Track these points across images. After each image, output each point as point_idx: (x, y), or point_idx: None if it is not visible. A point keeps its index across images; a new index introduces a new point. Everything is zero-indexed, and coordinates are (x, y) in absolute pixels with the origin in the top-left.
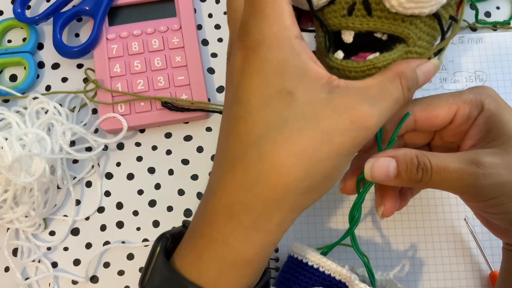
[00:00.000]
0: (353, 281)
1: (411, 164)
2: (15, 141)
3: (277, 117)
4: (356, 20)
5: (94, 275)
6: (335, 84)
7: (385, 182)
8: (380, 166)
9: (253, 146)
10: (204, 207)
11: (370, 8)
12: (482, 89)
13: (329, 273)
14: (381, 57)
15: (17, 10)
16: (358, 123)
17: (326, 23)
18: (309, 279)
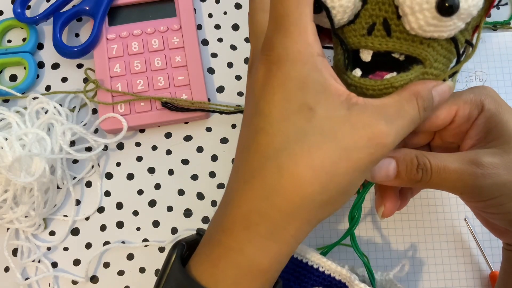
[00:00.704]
0: (353, 281)
1: (411, 164)
2: (15, 141)
3: (297, 131)
4: (376, 40)
5: (94, 275)
6: (354, 101)
7: (385, 182)
8: (380, 166)
9: (272, 157)
10: (221, 216)
11: (390, 29)
12: (482, 89)
13: (329, 273)
14: (399, 77)
15: (17, 10)
16: (375, 140)
17: (346, 41)
18: (309, 279)
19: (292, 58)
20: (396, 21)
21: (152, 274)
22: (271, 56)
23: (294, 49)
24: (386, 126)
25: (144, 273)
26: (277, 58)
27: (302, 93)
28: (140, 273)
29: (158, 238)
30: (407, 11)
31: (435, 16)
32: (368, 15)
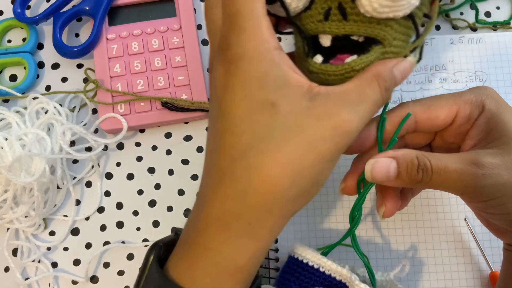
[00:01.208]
0: (353, 281)
1: (412, 165)
2: (15, 141)
3: (262, 129)
4: (333, 25)
5: (94, 275)
6: (316, 91)
7: (386, 182)
8: (380, 167)
9: (240, 157)
10: (196, 218)
11: (345, 12)
12: (482, 89)
13: (330, 273)
14: (359, 59)
15: (17, 10)
16: (339, 129)
17: (304, 28)
18: (309, 279)
19: (249, 55)
20: (351, 4)
21: None
22: (228, 56)
23: (250, 47)
24: (349, 114)
25: None
26: (234, 57)
27: (263, 90)
28: None
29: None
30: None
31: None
32: (323, 0)
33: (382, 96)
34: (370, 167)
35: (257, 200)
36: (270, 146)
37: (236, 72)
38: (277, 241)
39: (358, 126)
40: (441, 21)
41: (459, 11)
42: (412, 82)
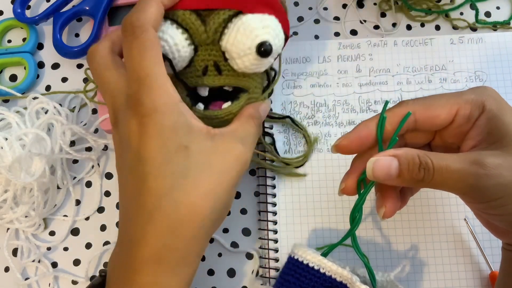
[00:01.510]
0: (354, 282)
1: (413, 163)
2: (15, 141)
3: (180, 168)
4: (210, 79)
5: (94, 275)
6: (213, 132)
7: (387, 181)
8: (381, 165)
9: (166, 196)
10: (128, 257)
11: (220, 69)
12: (483, 89)
13: (330, 274)
14: (234, 105)
15: (17, 10)
16: (239, 159)
17: (186, 81)
18: (310, 280)
19: (161, 109)
20: (224, 62)
21: None
22: (142, 111)
23: (161, 102)
24: (243, 146)
25: None
26: (148, 111)
27: (176, 136)
28: None
29: None
30: (234, 56)
31: (256, 58)
32: (201, 59)
33: (257, 129)
34: (372, 165)
35: (187, 230)
36: (191, 182)
37: (150, 124)
38: (277, 241)
39: (251, 154)
40: (441, 21)
41: (459, 11)
42: (412, 82)
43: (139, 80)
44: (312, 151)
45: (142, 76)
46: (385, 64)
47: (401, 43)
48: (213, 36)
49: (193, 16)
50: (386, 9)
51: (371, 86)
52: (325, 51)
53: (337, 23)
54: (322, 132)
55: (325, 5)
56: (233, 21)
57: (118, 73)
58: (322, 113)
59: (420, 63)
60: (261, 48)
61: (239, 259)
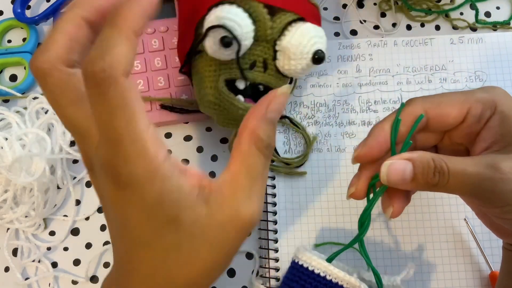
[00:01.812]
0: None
1: (428, 167)
2: (15, 141)
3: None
4: (255, 74)
5: (94, 275)
6: (207, 191)
7: (401, 185)
8: (396, 169)
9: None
10: None
11: (267, 67)
12: (493, 89)
13: (337, 281)
14: None
15: (17, 10)
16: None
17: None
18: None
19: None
20: (271, 61)
21: None
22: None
23: (139, 171)
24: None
25: None
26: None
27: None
28: None
29: None
30: (291, 56)
31: (308, 63)
32: (253, 54)
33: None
34: (387, 169)
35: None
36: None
37: (131, 195)
38: (277, 241)
39: (260, 206)
40: (441, 21)
41: (459, 11)
42: (412, 82)
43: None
44: (311, 151)
45: (113, 138)
46: (385, 64)
47: (401, 43)
48: (276, 34)
49: (265, 10)
50: (386, 9)
51: (371, 86)
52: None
53: (337, 23)
54: (322, 132)
55: (325, 5)
56: (293, 25)
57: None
58: (322, 113)
59: (420, 63)
60: (316, 55)
61: (239, 259)
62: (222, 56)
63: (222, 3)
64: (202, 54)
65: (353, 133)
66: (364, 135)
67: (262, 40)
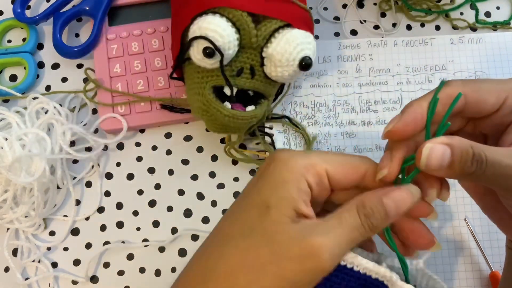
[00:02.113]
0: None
1: (467, 155)
2: (15, 141)
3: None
4: (242, 80)
5: (94, 275)
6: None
7: (437, 171)
8: (436, 153)
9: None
10: None
11: (254, 73)
12: None
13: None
14: (257, 109)
15: (17, 10)
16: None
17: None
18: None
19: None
20: (259, 67)
21: (152, 274)
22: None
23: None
24: (320, 237)
25: (144, 273)
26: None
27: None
28: (140, 273)
29: (158, 238)
30: (277, 63)
31: (295, 70)
32: (239, 61)
33: (361, 222)
34: (428, 152)
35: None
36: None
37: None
38: None
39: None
40: (441, 21)
41: (459, 11)
42: (412, 82)
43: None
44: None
45: None
46: (385, 64)
47: (401, 43)
48: (261, 41)
49: (249, 18)
50: (386, 9)
51: (371, 86)
52: (325, 51)
53: (337, 23)
54: (322, 132)
55: (325, 5)
56: (280, 32)
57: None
58: (322, 113)
59: (420, 63)
60: (303, 62)
61: None
62: (207, 65)
63: (205, 13)
64: (191, 61)
65: (353, 133)
66: (364, 135)
67: (248, 47)
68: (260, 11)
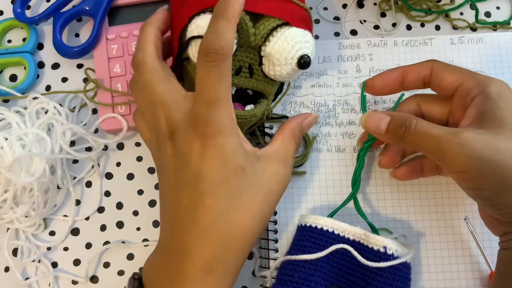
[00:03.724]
0: (368, 236)
1: (400, 122)
2: (15, 141)
3: (236, 189)
4: (241, 80)
5: (94, 275)
6: (259, 154)
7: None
8: (375, 119)
9: (222, 215)
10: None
11: (252, 72)
12: (496, 80)
13: (343, 234)
14: (257, 108)
15: (17, 10)
16: (282, 182)
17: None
18: (326, 242)
19: (225, 132)
20: (258, 66)
21: None
22: (207, 132)
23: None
24: (284, 169)
25: None
26: (213, 133)
27: (235, 158)
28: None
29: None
30: (275, 62)
31: (294, 68)
32: (237, 60)
33: (297, 147)
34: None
35: (237, 246)
36: (244, 203)
37: (213, 144)
38: (277, 241)
39: (290, 174)
40: (441, 21)
41: (459, 11)
42: None
43: (209, 103)
44: (311, 150)
45: (213, 99)
46: (385, 64)
47: (401, 43)
48: (259, 40)
49: (247, 17)
50: (386, 9)
51: None
52: (325, 51)
53: (337, 23)
54: (322, 132)
55: (325, 5)
56: (278, 30)
57: (172, 85)
58: (322, 113)
59: None
60: (302, 60)
61: None
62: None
63: (203, 12)
64: (189, 60)
65: (353, 133)
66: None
67: (246, 46)
68: (258, 10)
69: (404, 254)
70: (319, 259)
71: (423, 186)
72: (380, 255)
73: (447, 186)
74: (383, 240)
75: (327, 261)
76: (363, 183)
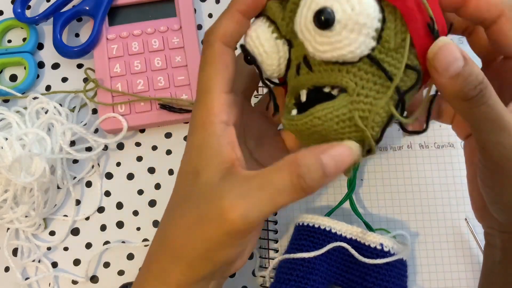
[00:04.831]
0: (365, 234)
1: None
2: (15, 141)
3: (185, 192)
4: (302, 78)
5: (94, 275)
6: (233, 171)
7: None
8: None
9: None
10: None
11: (310, 64)
12: None
13: (341, 233)
14: (319, 106)
15: (17, 10)
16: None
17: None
18: (323, 241)
19: (195, 125)
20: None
21: None
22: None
23: (198, 118)
24: (236, 200)
25: None
26: (190, 128)
27: (197, 157)
28: None
29: None
30: (300, 37)
31: (317, 32)
32: (295, 57)
33: (292, 182)
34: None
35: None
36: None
37: (188, 140)
38: (277, 241)
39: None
40: None
41: None
42: None
43: (197, 93)
44: None
45: (198, 89)
46: None
47: None
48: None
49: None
50: None
51: None
52: None
53: None
54: None
55: None
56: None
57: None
58: None
59: None
60: (319, 15)
61: None
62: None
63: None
64: None
65: None
66: None
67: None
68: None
69: (400, 251)
70: (317, 257)
71: (423, 186)
72: (377, 252)
73: (447, 186)
74: (379, 237)
75: (324, 260)
76: (362, 183)
